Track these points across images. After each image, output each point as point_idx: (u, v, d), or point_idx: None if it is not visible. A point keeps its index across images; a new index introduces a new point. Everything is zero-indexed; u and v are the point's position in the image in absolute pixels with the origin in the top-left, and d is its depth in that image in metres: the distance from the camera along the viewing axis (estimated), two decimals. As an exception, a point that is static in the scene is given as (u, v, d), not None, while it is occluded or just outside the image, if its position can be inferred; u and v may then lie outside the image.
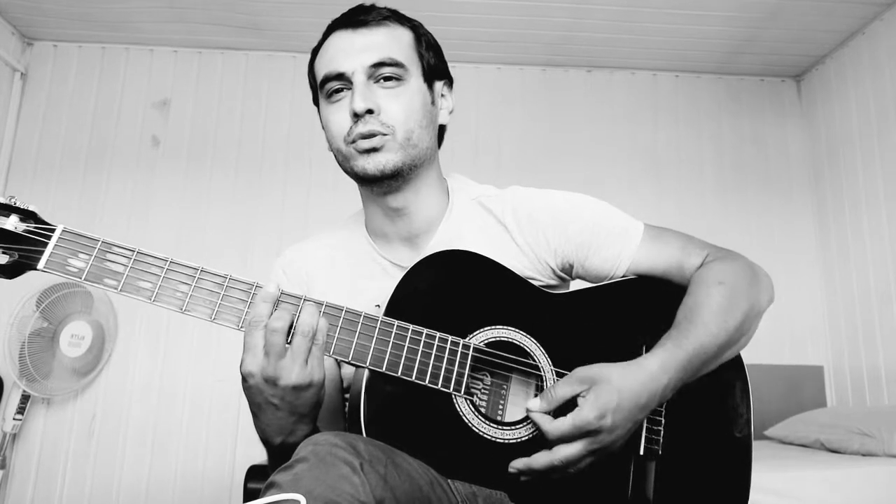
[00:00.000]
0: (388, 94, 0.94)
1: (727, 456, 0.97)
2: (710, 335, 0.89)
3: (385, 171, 0.93)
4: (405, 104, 0.94)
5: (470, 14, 2.82)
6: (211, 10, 2.82)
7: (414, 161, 0.96)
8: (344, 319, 0.82)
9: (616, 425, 0.81)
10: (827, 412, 2.62)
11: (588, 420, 0.79)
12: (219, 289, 0.79)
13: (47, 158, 2.98)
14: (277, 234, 2.97)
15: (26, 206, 0.78)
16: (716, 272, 0.96)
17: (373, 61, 0.94)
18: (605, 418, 0.80)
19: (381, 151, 0.93)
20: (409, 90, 0.95)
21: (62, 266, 0.76)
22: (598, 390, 0.81)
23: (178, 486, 2.75)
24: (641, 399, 0.82)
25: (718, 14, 2.79)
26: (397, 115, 0.93)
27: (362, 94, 0.92)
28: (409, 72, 0.96)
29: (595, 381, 0.82)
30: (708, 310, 0.90)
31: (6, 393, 2.62)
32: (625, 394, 0.81)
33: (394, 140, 0.93)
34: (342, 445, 0.69)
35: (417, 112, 0.95)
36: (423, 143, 0.96)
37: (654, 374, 0.84)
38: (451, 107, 1.05)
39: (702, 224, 3.02)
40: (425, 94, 0.98)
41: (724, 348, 0.91)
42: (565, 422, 0.80)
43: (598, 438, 0.80)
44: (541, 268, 1.01)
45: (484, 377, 0.91)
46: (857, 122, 2.92)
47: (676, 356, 0.86)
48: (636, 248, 1.00)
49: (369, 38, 0.96)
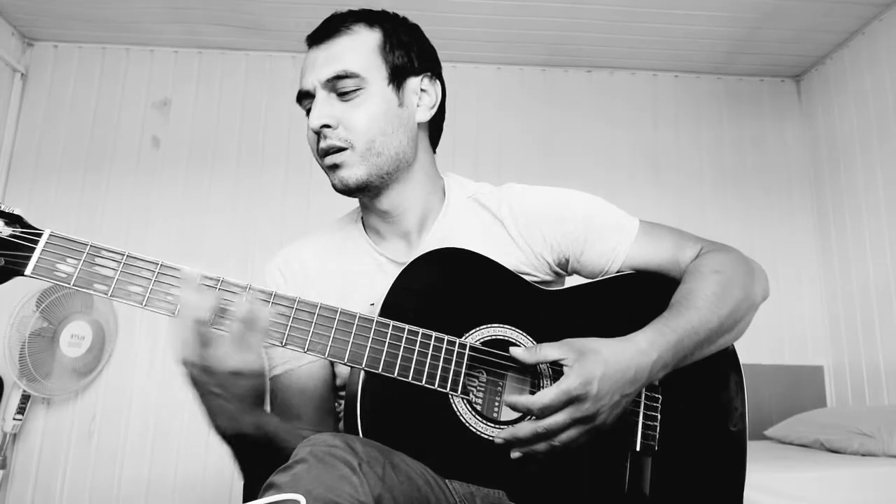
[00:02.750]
0: (346, 107, 0.94)
1: (723, 450, 0.98)
2: (702, 319, 0.89)
3: (349, 185, 0.95)
4: (364, 114, 0.94)
5: (470, 14, 2.82)
6: (211, 10, 2.82)
7: (381, 169, 0.96)
8: (339, 321, 0.82)
9: (601, 395, 0.80)
10: (827, 412, 2.62)
11: (573, 385, 0.79)
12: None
13: (47, 159, 2.98)
14: (278, 235, 2.97)
15: (12, 209, 0.76)
16: (711, 261, 0.97)
17: (328, 76, 0.94)
18: (590, 384, 0.79)
19: (342, 168, 0.95)
20: (369, 99, 0.94)
21: (50, 271, 0.74)
22: (583, 359, 0.81)
23: (178, 486, 2.75)
24: (629, 372, 0.82)
25: (718, 14, 2.79)
26: (357, 126, 0.93)
27: (319, 109, 0.93)
28: (368, 80, 0.94)
29: (583, 351, 0.82)
30: (702, 295, 0.91)
31: (6, 393, 2.62)
32: (611, 365, 0.81)
33: (353, 153, 0.94)
34: (340, 446, 0.69)
35: (380, 119, 0.94)
36: (389, 149, 0.96)
37: (643, 349, 0.84)
38: (434, 100, 1.02)
39: (701, 224, 3.02)
40: (390, 98, 0.96)
41: (716, 334, 0.92)
42: (550, 390, 0.80)
43: (583, 407, 0.80)
44: (537, 263, 1.02)
45: (480, 375, 0.91)
46: (856, 122, 2.92)
47: (666, 335, 0.86)
48: (631, 242, 1.01)
49: (328, 51, 0.96)
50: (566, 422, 0.80)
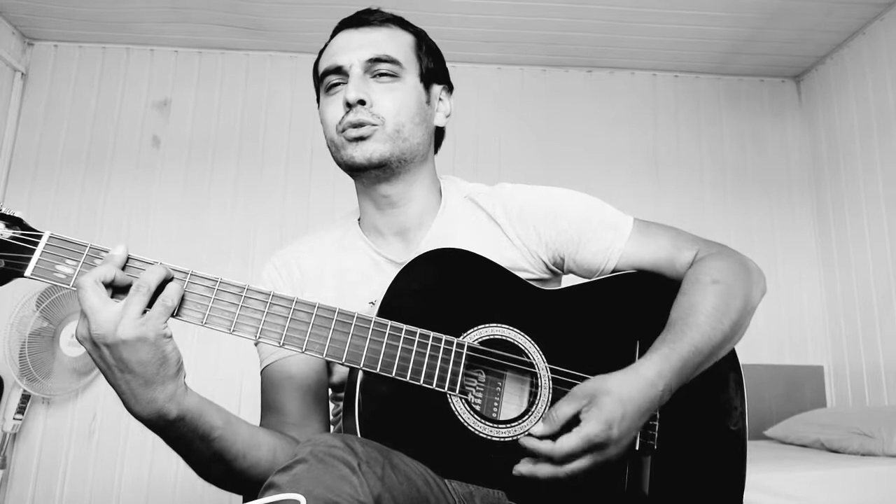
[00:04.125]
0: (382, 89, 0.97)
1: (722, 449, 0.98)
2: (705, 337, 0.89)
3: (372, 159, 0.96)
4: (398, 98, 0.97)
5: (470, 14, 2.83)
6: (212, 10, 2.82)
7: (403, 154, 0.98)
8: (337, 321, 0.82)
9: (622, 436, 0.80)
10: (827, 412, 2.62)
11: (595, 433, 0.78)
12: (209, 293, 0.79)
13: (48, 159, 2.98)
14: (278, 234, 2.98)
15: (12, 212, 0.76)
16: (710, 270, 0.96)
17: (369, 56, 0.97)
18: (612, 430, 0.79)
19: (369, 140, 0.95)
20: (404, 86, 0.98)
21: (50, 273, 0.75)
22: (600, 403, 0.80)
23: (178, 486, 2.75)
24: (643, 407, 0.82)
25: (718, 14, 2.79)
26: (389, 107, 0.96)
27: (356, 85, 0.96)
28: (406, 70, 0.99)
29: (596, 395, 0.81)
30: (703, 311, 0.91)
31: (6, 393, 2.62)
32: (628, 404, 0.80)
33: (382, 131, 0.96)
34: (340, 446, 0.69)
35: (411, 108, 0.98)
36: (414, 137, 0.99)
37: (653, 381, 0.83)
38: (448, 111, 1.08)
39: (701, 224, 3.02)
40: (421, 93, 1.01)
41: (718, 348, 0.91)
42: (571, 438, 0.78)
43: (605, 451, 0.79)
44: (533, 261, 1.02)
45: (478, 375, 0.91)
46: (856, 122, 2.92)
47: (672, 362, 0.86)
48: (626, 240, 1.01)
49: (369, 35, 1.00)
50: (588, 467, 0.79)
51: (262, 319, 0.80)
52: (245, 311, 0.79)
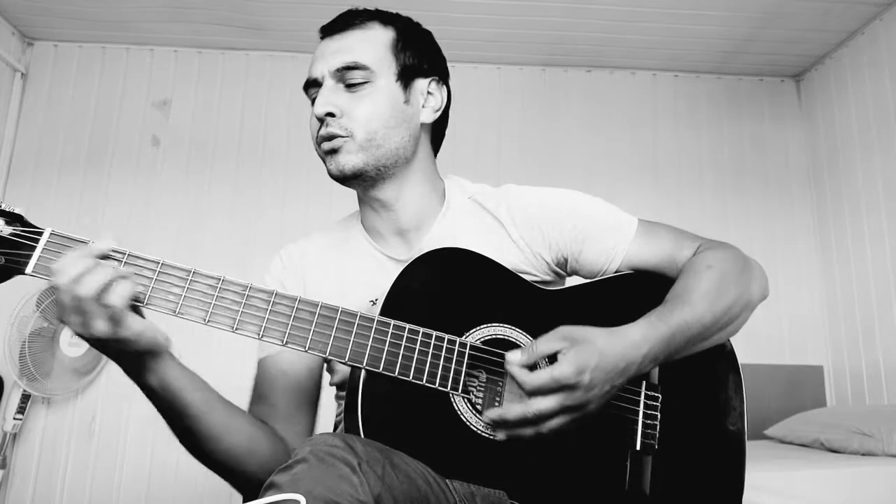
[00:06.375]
0: (352, 98, 0.96)
1: (722, 449, 0.98)
2: (696, 314, 0.90)
3: (345, 171, 0.96)
4: (368, 106, 0.96)
5: (470, 14, 2.83)
6: (211, 10, 2.82)
7: (379, 161, 0.97)
8: (340, 320, 0.82)
9: (593, 384, 0.81)
10: (827, 412, 2.62)
11: (566, 374, 0.79)
12: (212, 290, 0.79)
13: (48, 158, 2.98)
14: (278, 234, 2.98)
15: (13, 208, 0.76)
16: (706, 258, 0.97)
17: (338, 66, 0.97)
18: (583, 374, 0.80)
19: (340, 153, 0.96)
20: (375, 92, 0.97)
21: (51, 270, 0.74)
22: (578, 348, 0.81)
23: (178, 486, 2.75)
24: (620, 364, 0.83)
25: (718, 14, 2.79)
26: (359, 116, 0.95)
27: (324, 98, 0.96)
28: (378, 73, 0.97)
29: (577, 340, 0.82)
30: (695, 291, 0.92)
31: (6, 392, 2.62)
32: (605, 356, 0.82)
33: (353, 142, 0.96)
34: (340, 445, 0.69)
35: (383, 113, 0.97)
36: (390, 143, 0.97)
37: (636, 343, 0.84)
38: (439, 104, 1.05)
39: (701, 223, 3.02)
40: (397, 94, 0.99)
41: (709, 329, 0.92)
42: (543, 373, 0.80)
43: (574, 395, 0.80)
44: (536, 262, 1.03)
45: (480, 375, 0.91)
46: (856, 122, 2.92)
47: (659, 329, 0.87)
48: (630, 241, 1.01)
49: (341, 42, 0.99)
50: (555, 408, 0.80)
51: (265, 318, 0.80)
52: (248, 310, 0.80)
